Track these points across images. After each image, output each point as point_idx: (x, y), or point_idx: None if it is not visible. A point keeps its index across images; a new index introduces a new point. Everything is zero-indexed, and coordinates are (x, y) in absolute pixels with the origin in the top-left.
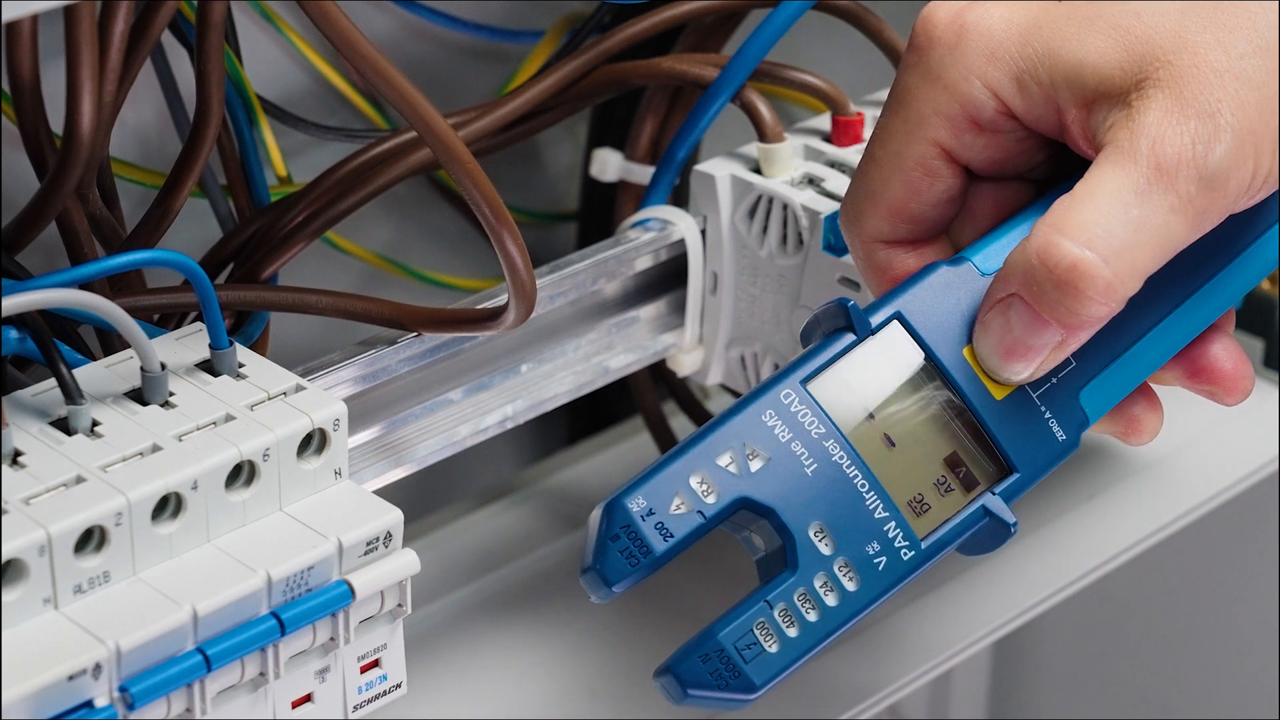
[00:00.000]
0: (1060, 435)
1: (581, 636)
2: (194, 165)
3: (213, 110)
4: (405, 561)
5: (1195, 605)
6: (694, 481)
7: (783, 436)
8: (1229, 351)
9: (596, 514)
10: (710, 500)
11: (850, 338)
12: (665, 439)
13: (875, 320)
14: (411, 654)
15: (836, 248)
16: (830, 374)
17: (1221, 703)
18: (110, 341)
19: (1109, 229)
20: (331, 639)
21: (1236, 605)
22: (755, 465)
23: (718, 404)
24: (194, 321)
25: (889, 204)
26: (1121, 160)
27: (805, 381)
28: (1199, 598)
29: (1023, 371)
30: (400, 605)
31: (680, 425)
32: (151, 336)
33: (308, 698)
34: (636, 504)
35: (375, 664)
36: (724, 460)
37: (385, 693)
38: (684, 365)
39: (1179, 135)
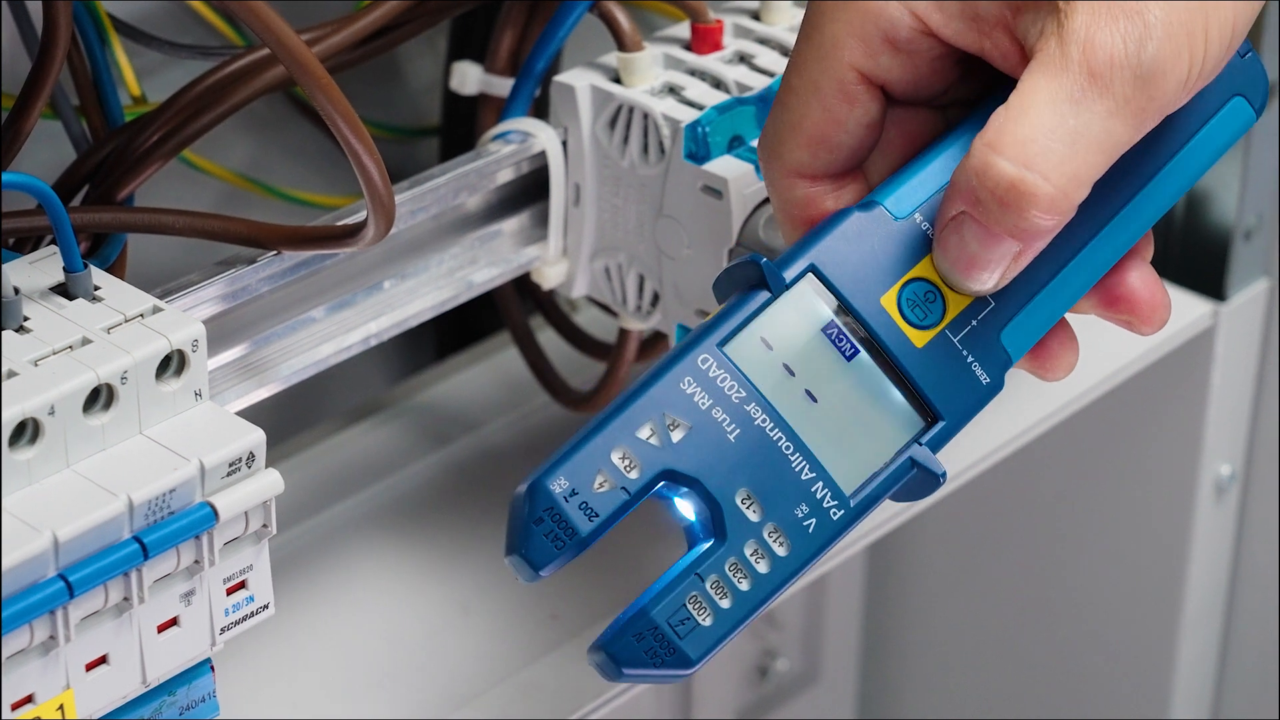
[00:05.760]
0: (984, 378)
1: (452, 552)
2: (43, 86)
3: (60, 29)
4: (269, 482)
5: (1064, 503)
6: (615, 457)
7: (702, 404)
8: (1146, 280)
9: (519, 495)
10: (633, 475)
11: (765, 295)
12: (533, 353)
13: (789, 275)
14: (282, 574)
15: (698, 156)
16: (747, 334)
17: (1089, 593)
18: None
19: (1047, 144)
20: (196, 562)
21: (1106, 503)
22: (677, 435)
23: (585, 316)
24: (49, 245)
25: (809, 133)
26: (1053, 69)
27: (722, 344)
28: (1068, 496)
29: (988, 281)
30: (265, 526)
31: (547, 339)
32: (5, 261)
33: (174, 621)
34: (559, 485)
35: (241, 585)
36: (644, 433)
37: (252, 614)
38: (549, 278)
39: (1109, 36)
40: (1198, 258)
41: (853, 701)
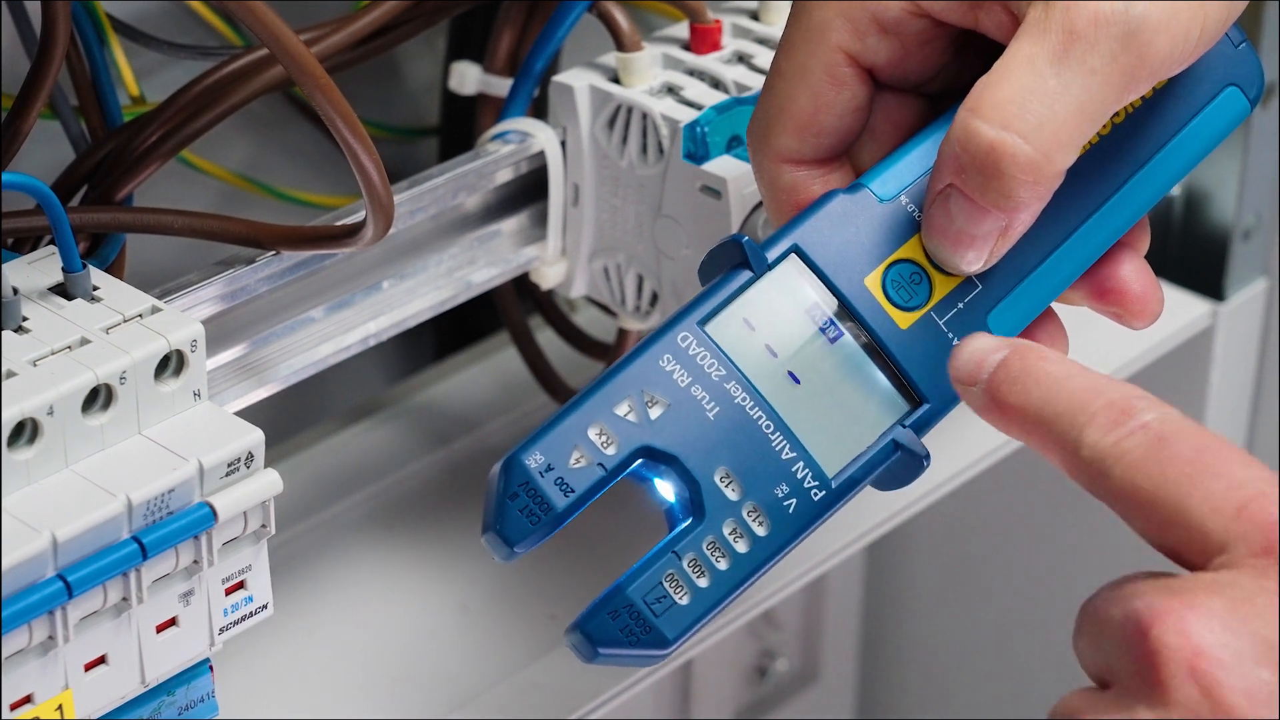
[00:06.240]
0: None
1: (451, 552)
2: (42, 86)
3: (59, 29)
4: (267, 482)
5: (1064, 504)
6: (592, 433)
7: (681, 381)
8: (1139, 272)
9: (495, 472)
10: (610, 451)
11: (747, 275)
12: (532, 353)
13: (772, 255)
14: (281, 574)
15: (697, 156)
16: (728, 313)
17: (1088, 593)
18: None
19: (1025, 104)
20: (195, 562)
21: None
22: (655, 412)
23: (584, 316)
24: (48, 245)
25: (797, 117)
26: (1035, 32)
27: (702, 323)
28: (1067, 496)
29: (975, 261)
30: (264, 526)
31: (546, 339)
32: (4, 261)
33: (172, 621)
34: (534, 460)
35: (240, 586)
36: (622, 409)
37: (251, 614)
38: (548, 278)
39: None
40: (1196, 258)
41: (852, 701)
